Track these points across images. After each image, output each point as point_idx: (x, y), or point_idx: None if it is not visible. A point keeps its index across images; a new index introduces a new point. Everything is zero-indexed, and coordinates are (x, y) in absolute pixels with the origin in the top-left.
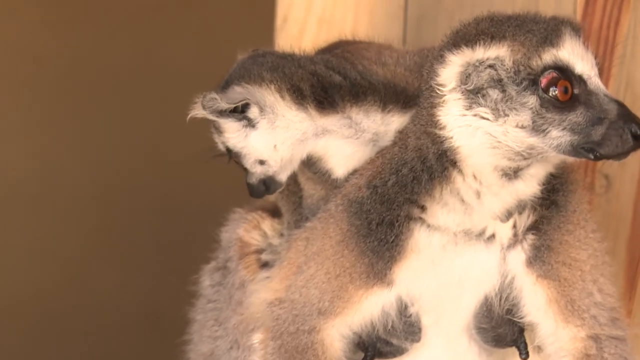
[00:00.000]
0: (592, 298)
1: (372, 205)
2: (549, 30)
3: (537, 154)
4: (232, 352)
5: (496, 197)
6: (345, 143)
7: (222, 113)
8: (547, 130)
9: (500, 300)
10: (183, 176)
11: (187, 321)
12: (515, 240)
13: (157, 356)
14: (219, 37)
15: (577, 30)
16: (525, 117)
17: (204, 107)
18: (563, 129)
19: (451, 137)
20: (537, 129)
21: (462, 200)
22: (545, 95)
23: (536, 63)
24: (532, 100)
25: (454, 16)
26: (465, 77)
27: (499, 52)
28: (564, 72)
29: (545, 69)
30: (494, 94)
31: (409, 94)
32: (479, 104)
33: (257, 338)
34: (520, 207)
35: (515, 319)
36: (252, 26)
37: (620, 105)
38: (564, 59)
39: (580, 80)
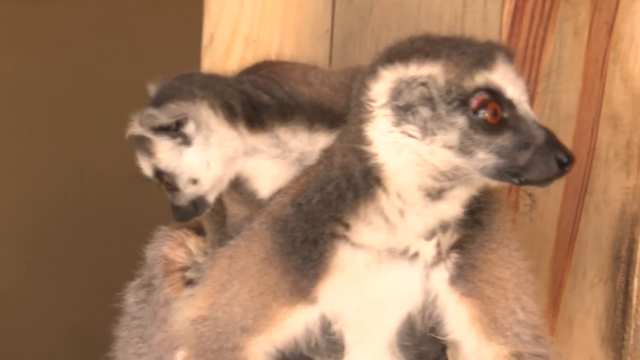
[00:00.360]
0: (515, 316)
1: (297, 223)
2: (483, 54)
3: (462, 175)
4: None
5: (419, 217)
6: (273, 163)
7: (157, 131)
8: (473, 152)
9: (423, 318)
10: (109, 193)
11: (112, 338)
12: (439, 258)
13: None
14: (146, 56)
15: (510, 56)
16: (453, 137)
17: (141, 124)
18: (490, 152)
19: (377, 154)
20: (464, 150)
21: (386, 219)
22: (475, 116)
23: (468, 84)
24: (461, 120)
25: (380, 37)
26: (396, 93)
27: (432, 71)
28: (494, 95)
29: (477, 90)
30: (424, 112)
31: (335, 113)
32: (407, 121)
33: (180, 356)
34: (444, 226)
35: (438, 337)
36: (180, 45)
37: (548, 132)
38: (495, 82)
39: (510, 104)
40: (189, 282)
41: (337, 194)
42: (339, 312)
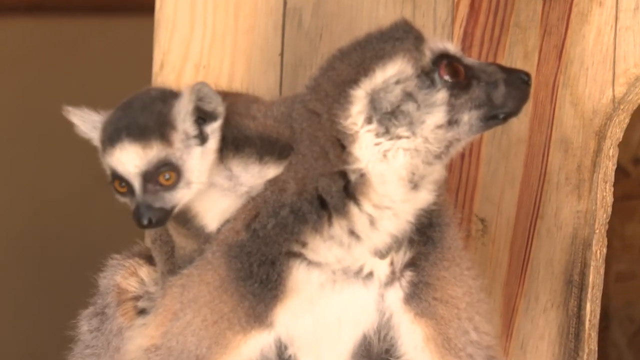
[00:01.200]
0: (468, 336)
1: (254, 247)
2: (410, 31)
3: (452, 147)
4: None
5: (395, 218)
6: (223, 196)
7: (197, 114)
8: (459, 119)
9: (378, 338)
10: (61, 220)
11: None
12: (393, 277)
13: None
14: (96, 83)
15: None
16: (440, 114)
17: (197, 98)
18: (470, 109)
19: (363, 168)
20: (451, 121)
21: (351, 232)
22: (449, 81)
23: (425, 61)
24: (440, 95)
25: None
26: (377, 104)
27: (396, 67)
28: (448, 56)
29: (435, 61)
30: (409, 107)
31: (282, 144)
32: (394, 124)
33: None
34: (398, 244)
35: (392, 359)
36: (131, 72)
37: (498, 65)
38: (438, 46)
39: (459, 59)
40: (142, 312)
41: (294, 217)
42: (294, 335)
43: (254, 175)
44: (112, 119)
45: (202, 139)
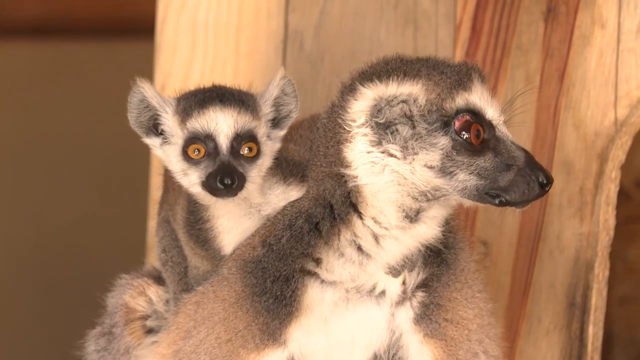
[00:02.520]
0: (477, 359)
1: (269, 262)
2: (462, 74)
3: (442, 196)
4: None
5: (397, 242)
6: (247, 215)
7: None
8: (454, 173)
9: (388, 357)
10: (65, 242)
11: None
12: (405, 297)
13: None
14: (97, 105)
15: (483, 77)
16: (434, 157)
17: (282, 89)
18: (470, 173)
19: (356, 176)
20: (444, 170)
21: (360, 249)
22: (458, 137)
23: (449, 105)
24: (443, 141)
25: (331, 85)
26: (376, 111)
27: (412, 89)
28: (476, 116)
29: (459, 111)
30: (404, 130)
31: (304, 167)
32: (387, 140)
33: None
34: (411, 264)
35: None
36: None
37: (527, 154)
38: (476, 103)
39: (490, 125)
40: (149, 331)
41: (308, 226)
42: (307, 353)
43: (278, 195)
44: (197, 92)
45: (269, 137)
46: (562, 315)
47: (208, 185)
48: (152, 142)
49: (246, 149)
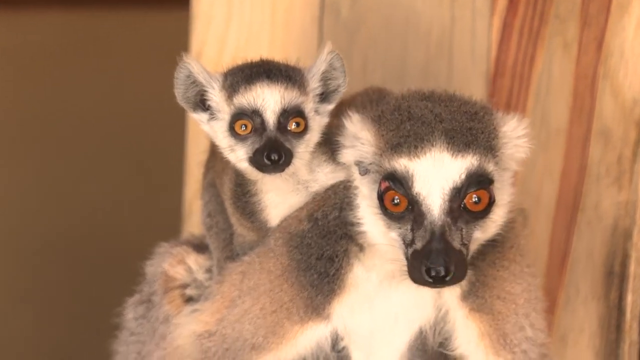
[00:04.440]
0: (524, 332)
1: (313, 238)
2: (418, 138)
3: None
4: None
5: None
6: (294, 191)
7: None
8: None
9: (434, 333)
10: (108, 209)
11: (109, 355)
12: None
13: None
14: (132, 75)
15: (453, 144)
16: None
17: (330, 64)
18: (398, 235)
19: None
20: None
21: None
22: (379, 197)
23: (386, 164)
24: (374, 195)
25: (367, 54)
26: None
27: (367, 138)
28: (400, 184)
29: (387, 175)
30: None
31: None
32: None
33: None
34: None
35: (447, 352)
36: (165, 63)
37: (431, 240)
38: (410, 171)
39: (415, 200)
40: (189, 299)
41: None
42: (350, 328)
43: (327, 174)
44: (244, 67)
45: (316, 112)
46: (600, 284)
47: (255, 161)
48: (200, 117)
49: (293, 124)
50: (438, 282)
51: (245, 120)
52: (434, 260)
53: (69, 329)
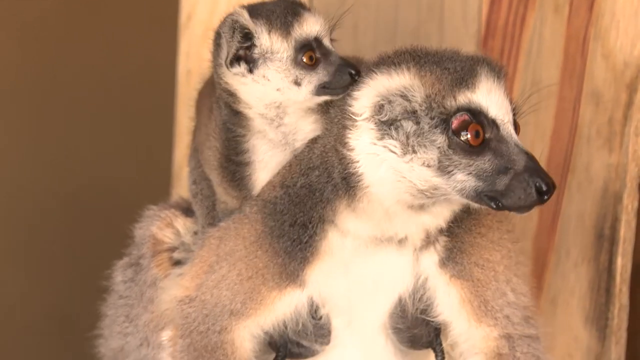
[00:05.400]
0: (506, 298)
1: (285, 205)
2: (465, 71)
3: (441, 195)
4: (142, 349)
5: (404, 223)
6: (280, 151)
7: None
8: (452, 172)
9: (413, 300)
10: (96, 172)
11: (98, 317)
12: (428, 242)
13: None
14: (121, 38)
15: (496, 71)
16: (432, 155)
17: None
18: (469, 174)
19: (357, 162)
20: (442, 169)
21: (370, 217)
22: (455, 137)
23: (450, 103)
24: (440, 139)
25: (358, 16)
26: (379, 108)
27: (413, 83)
28: (476, 116)
29: (458, 110)
30: (407, 125)
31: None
32: (390, 135)
33: (166, 335)
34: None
35: (429, 319)
36: (155, 24)
37: (530, 158)
38: (477, 102)
39: (493, 124)
40: (177, 263)
41: (321, 182)
42: (326, 296)
43: (310, 123)
44: (278, 5)
45: None
46: (590, 247)
47: (334, 82)
48: (239, 70)
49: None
50: (543, 197)
51: (310, 51)
52: (543, 175)
53: (61, 291)
